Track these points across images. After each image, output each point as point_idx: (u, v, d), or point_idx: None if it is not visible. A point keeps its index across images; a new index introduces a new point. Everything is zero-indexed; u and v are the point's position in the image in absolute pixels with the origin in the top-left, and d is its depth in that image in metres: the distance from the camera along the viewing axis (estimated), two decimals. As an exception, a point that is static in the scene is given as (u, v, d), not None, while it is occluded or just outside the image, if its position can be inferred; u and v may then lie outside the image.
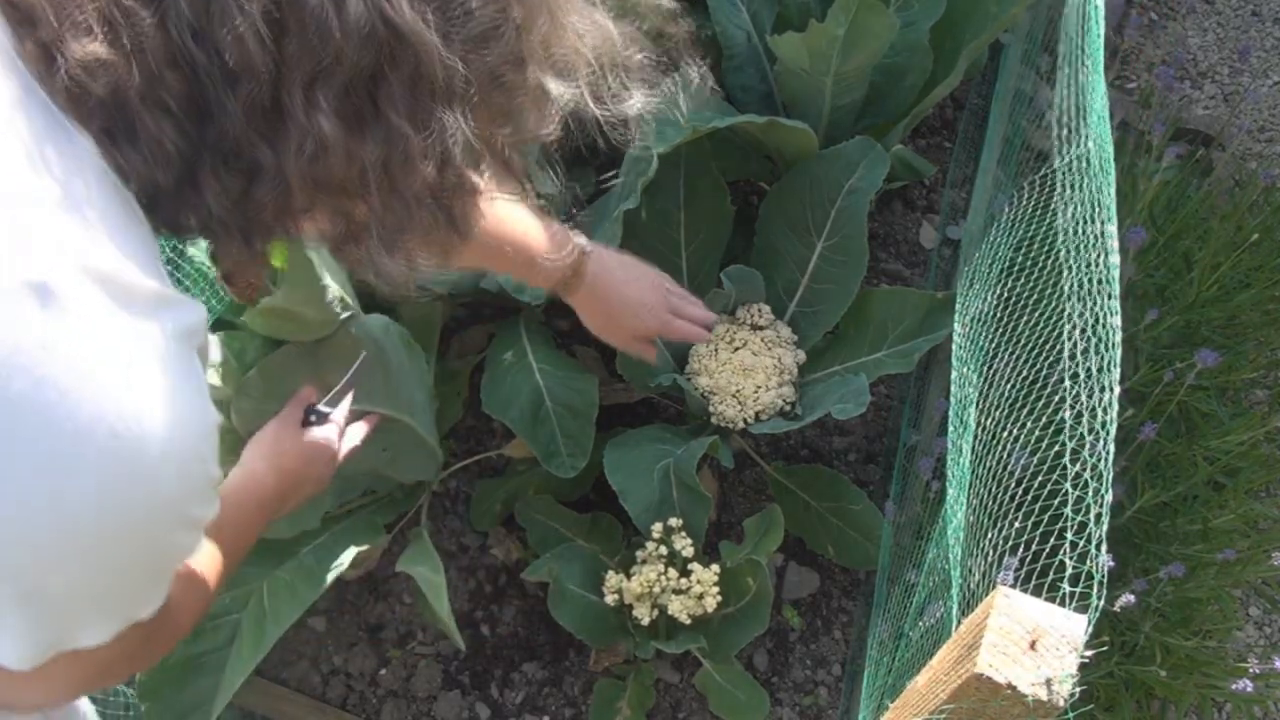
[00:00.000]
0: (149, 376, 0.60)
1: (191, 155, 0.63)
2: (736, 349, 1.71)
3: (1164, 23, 2.68)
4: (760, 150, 1.91)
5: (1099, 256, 0.97)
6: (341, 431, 1.22)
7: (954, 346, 1.30)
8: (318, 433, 1.18)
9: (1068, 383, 0.89)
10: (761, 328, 1.74)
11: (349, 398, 1.24)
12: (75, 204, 0.58)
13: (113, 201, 0.61)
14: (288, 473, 1.12)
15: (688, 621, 1.53)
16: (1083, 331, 0.91)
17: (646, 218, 1.70)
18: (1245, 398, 1.96)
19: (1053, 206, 1.30)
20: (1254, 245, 1.79)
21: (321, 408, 1.21)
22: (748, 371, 1.68)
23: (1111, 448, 0.80)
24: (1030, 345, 1.13)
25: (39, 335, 0.55)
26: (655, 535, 1.55)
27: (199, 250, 1.33)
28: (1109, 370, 0.85)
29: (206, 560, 0.92)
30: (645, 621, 1.54)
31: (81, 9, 0.57)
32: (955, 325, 1.36)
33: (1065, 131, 1.16)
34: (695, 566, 1.54)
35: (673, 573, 1.53)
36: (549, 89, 0.73)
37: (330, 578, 1.40)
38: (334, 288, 1.31)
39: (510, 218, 1.24)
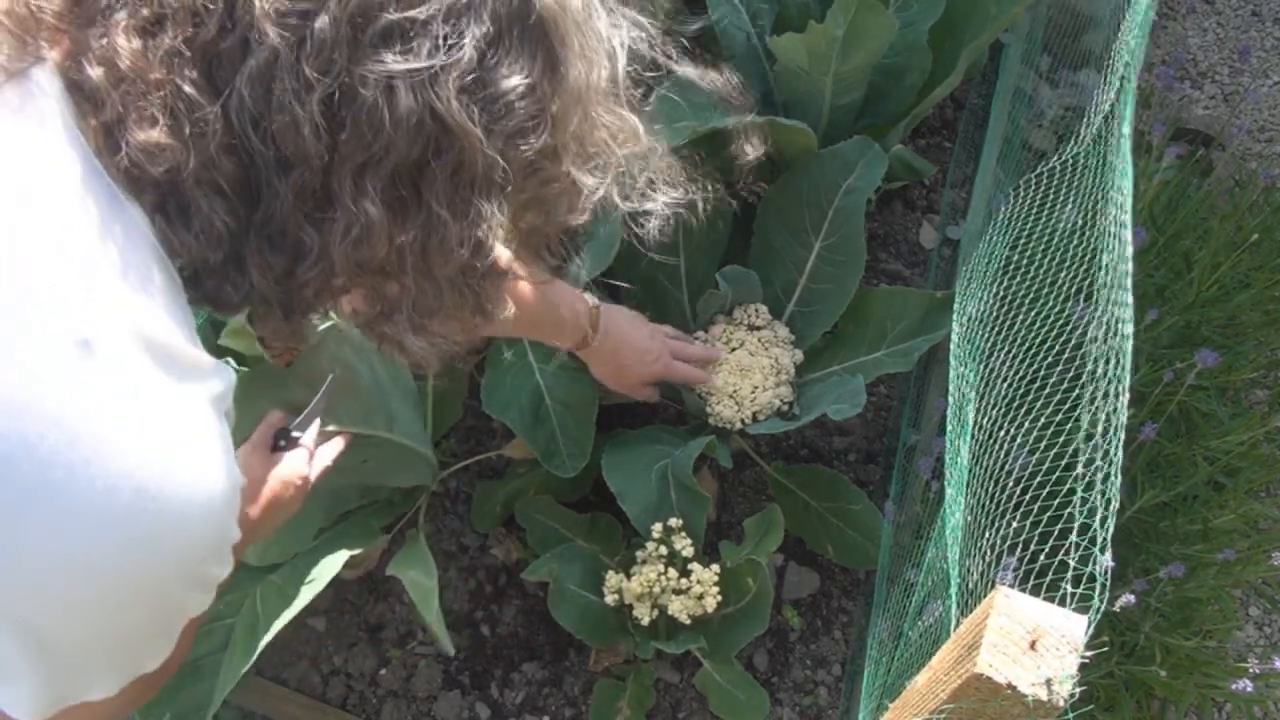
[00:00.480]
0: (179, 438, 0.61)
1: (240, 234, 0.66)
2: (733, 349, 1.71)
3: (1164, 23, 2.68)
4: (760, 150, 1.91)
5: (1113, 260, 0.96)
6: (312, 454, 1.23)
7: (952, 345, 1.30)
8: (288, 457, 1.19)
9: (1087, 383, 0.89)
10: (759, 328, 1.74)
11: (318, 420, 1.25)
12: (133, 273, 0.61)
13: (162, 273, 0.64)
14: (259, 500, 1.13)
15: (688, 621, 1.53)
16: (1092, 338, 0.91)
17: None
18: (1245, 398, 1.95)
19: (1050, 205, 1.30)
20: (1254, 245, 1.79)
21: (291, 432, 1.21)
22: (745, 372, 1.68)
23: (1120, 451, 0.80)
24: (1026, 345, 1.13)
25: (77, 388, 0.57)
26: (655, 535, 1.55)
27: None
28: (1119, 377, 0.85)
29: None
30: (645, 621, 1.54)
31: (148, 100, 0.60)
32: (953, 324, 1.35)
33: (1093, 130, 1.16)
34: (695, 566, 1.54)
35: (673, 572, 1.53)
36: (581, 181, 0.76)
37: (322, 582, 1.39)
38: None
39: (533, 287, 1.29)
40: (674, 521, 1.55)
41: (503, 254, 0.78)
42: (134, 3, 0.61)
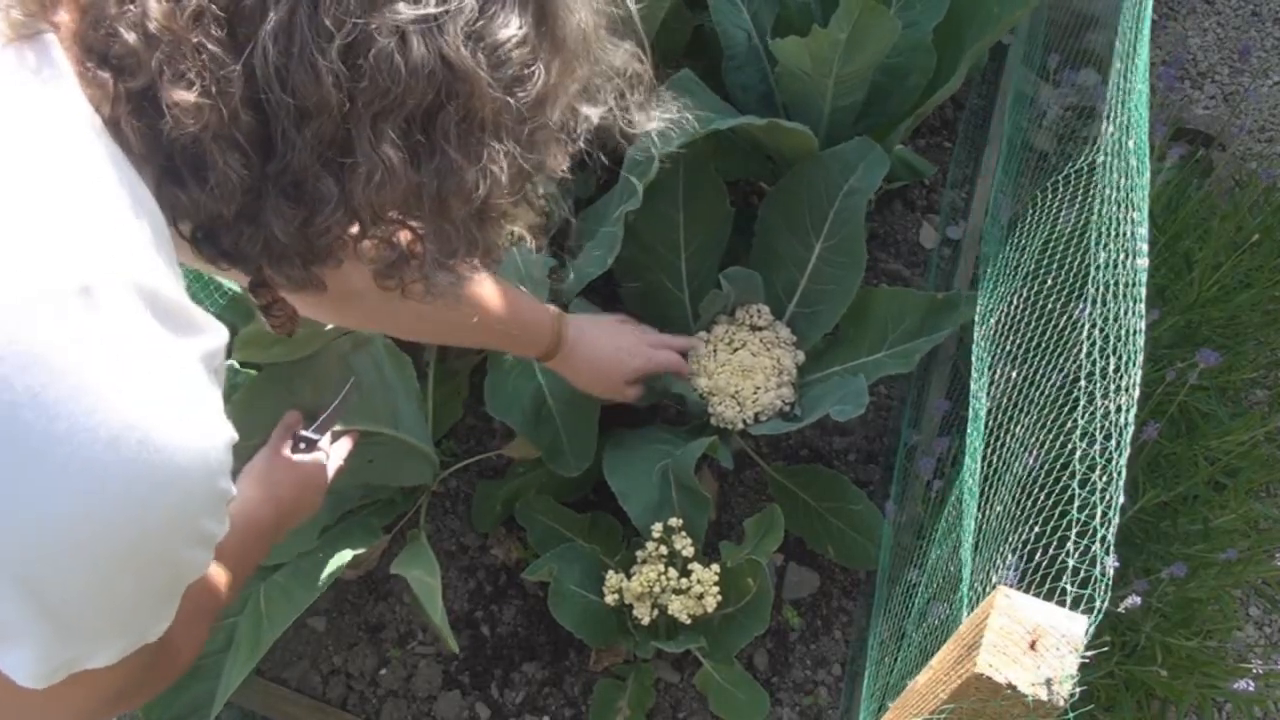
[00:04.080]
0: (178, 391, 0.62)
1: (255, 187, 0.67)
2: (735, 350, 1.71)
3: (1164, 23, 2.68)
4: (760, 150, 1.91)
5: (1127, 258, 0.96)
6: (327, 455, 1.24)
7: (973, 348, 1.30)
8: (308, 459, 1.20)
9: (1083, 382, 0.88)
10: (760, 328, 1.74)
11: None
12: (132, 227, 0.62)
13: (160, 231, 0.65)
14: (283, 501, 1.15)
15: (688, 621, 1.53)
16: (1102, 331, 0.91)
17: (646, 219, 1.70)
18: (1245, 398, 1.96)
19: (1064, 209, 1.30)
20: (1254, 245, 1.79)
21: (309, 434, 1.22)
22: (746, 372, 1.68)
23: (1127, 448, 0.80)
24: (1044, 346, 1.13)
25: (79, 336, 0.58)
26: (655, 535, 1.55)
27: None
28: (1129, 370, 0.85)
29: (206, 594, 0.93)
30: (645, 621, 1.54)
31: (182, 62, 0.62)
32: (975, 329, 1.35)
33: (1110, 129, 1.16)
34: (695, 566, 1.54)
35: (673, 572, 1.53)
36: (579, 116, 0.80)
37: (325, 581, 1.40)
38: None
39: (497, 293, 1.32)
40: (674, 521, 1.55)
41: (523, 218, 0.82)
42: None
